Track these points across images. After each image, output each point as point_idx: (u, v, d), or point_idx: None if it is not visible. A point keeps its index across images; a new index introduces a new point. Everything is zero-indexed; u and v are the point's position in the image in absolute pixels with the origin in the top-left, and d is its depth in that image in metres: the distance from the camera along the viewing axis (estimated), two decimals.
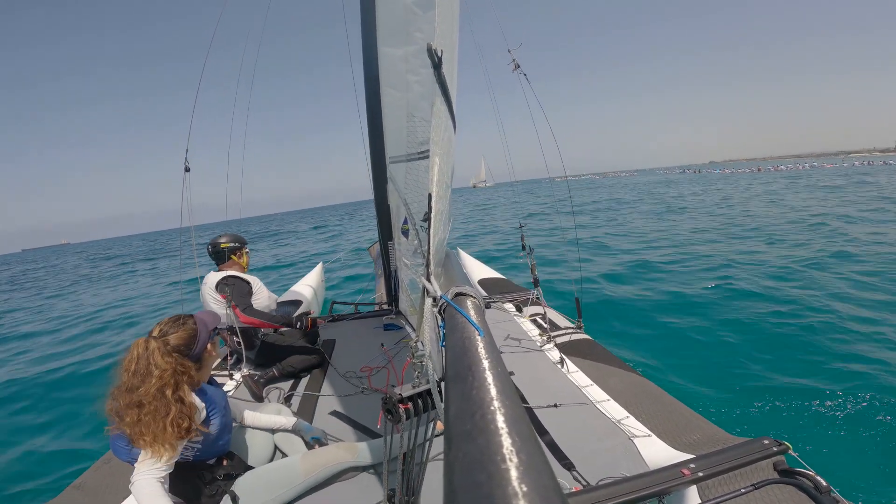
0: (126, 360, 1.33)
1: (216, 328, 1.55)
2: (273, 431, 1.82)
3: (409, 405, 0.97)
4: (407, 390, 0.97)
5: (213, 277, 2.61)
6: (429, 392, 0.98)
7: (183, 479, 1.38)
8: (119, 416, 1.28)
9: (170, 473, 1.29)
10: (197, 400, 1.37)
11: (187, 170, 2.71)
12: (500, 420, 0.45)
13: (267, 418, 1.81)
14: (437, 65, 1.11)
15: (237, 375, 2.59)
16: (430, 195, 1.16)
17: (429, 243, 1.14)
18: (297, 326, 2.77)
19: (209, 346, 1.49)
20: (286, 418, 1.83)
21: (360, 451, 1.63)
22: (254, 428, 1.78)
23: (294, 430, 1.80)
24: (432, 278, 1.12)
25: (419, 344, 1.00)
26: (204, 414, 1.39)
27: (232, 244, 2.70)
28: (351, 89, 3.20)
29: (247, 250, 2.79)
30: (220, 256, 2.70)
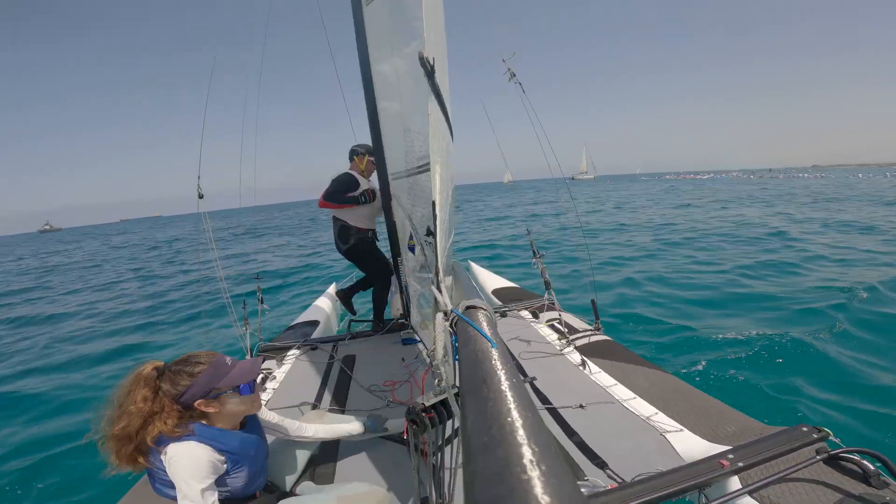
0: (120, 381, 1.24)
1: (238, 386, 1.30)
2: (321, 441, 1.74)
3: (433, 413, 0.97)
4: (429, 399, 0.97)
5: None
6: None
7: None
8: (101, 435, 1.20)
9: None
10: (203, 450, 1.22)
11: (201, 196, 2.81)
12: (518, 431, 0.45)
13: (336, 428, 1.71)
14: (430, 73, 1.12)
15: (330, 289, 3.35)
16: (433, 203, 1.15)
17: (436, 251, 1.13)
18: (363, 200, 3.24)
19: (203, 401, 1.25)
20: (350, 424, 1.75)
21: (392, 499, 1.55)
22: (312, 440, 1.68)
23: (366, 431, 1.74)
24: (443, 287, 1.11)
25: (433, 355, 1.00)
26: (224, 467, 1.27)
27: (354, 148, 3.28)
28: (355, 112, 3.26)
29: (369, 158, 3.20)
30: (350, 157, 3.28)
